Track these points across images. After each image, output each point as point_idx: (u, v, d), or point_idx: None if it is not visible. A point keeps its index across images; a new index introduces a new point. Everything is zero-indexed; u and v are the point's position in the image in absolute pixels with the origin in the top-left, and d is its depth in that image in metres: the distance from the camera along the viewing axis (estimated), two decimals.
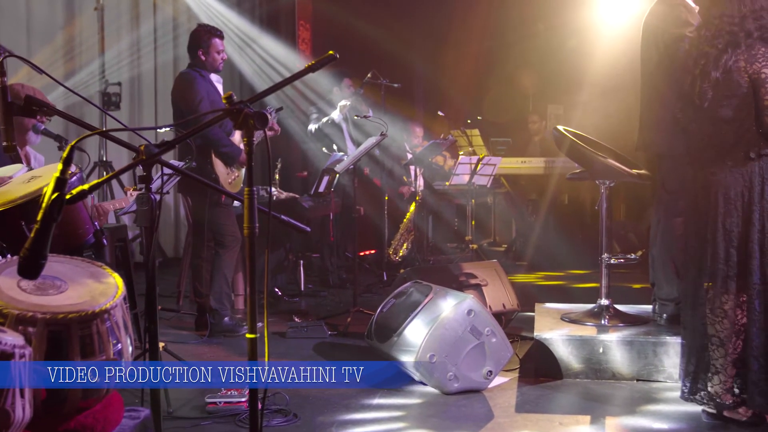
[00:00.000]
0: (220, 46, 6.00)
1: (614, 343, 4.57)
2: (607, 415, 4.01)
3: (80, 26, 8.84)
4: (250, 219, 2.15)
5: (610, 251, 5.07)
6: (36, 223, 1.90)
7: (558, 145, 5.29)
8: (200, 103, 5.75)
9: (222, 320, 5.88)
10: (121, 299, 2.16)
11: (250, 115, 2.11)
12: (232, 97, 2.15)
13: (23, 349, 1.81)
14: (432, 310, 4.47)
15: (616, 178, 4.95)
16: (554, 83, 11.99)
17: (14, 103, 2.63)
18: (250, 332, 2.17)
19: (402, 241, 8.69)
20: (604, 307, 4.96)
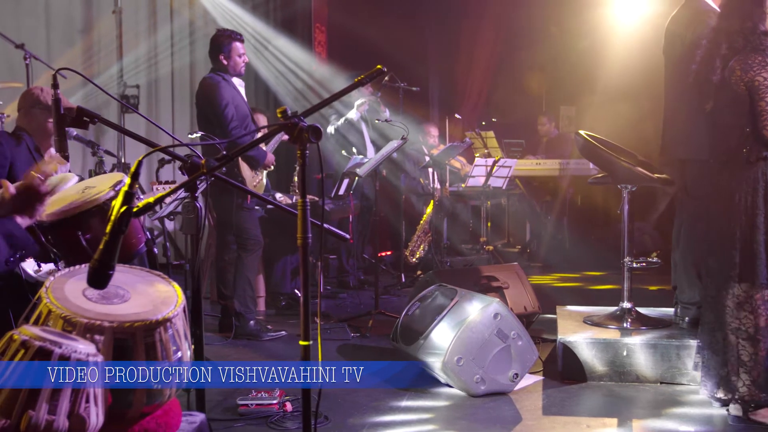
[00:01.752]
0: (241, 49, 6.05)
1: (638, 346, 4.63)
2: (633, 417, 4.07)
3: (99, 30, 8.92)
4: (303, 230, 2.21)
5: (636, 254, 5.13)
6: (105, 235, 1.97)
7: (580, 149, 5.34)
8: (225, 108, 5.81)
9: (247, 324, 5.94)
10: (182, 308, 2.22)
11: (305, 129, 2.18)
12: (287, 110, 2.21)
13: (96, 357, 1.88)
14: (458, 314, 4.54)
15: (638, 183, 5.01)
16: (566, 85, 12.04)
17: (67, 114, 2.70)
18: (304, 339, 2.23)
19: (419, 242, 8.74)
20: (627, 310, 5.02)
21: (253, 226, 6.05)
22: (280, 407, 4.15)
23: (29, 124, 4.37)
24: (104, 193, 2.62)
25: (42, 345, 1.80)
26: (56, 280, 2.19)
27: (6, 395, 1.77)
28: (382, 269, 8.80)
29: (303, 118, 2.21)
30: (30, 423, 1.74)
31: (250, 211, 6.03)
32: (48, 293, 2.10)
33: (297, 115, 2.21)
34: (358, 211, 8.20)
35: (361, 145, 8.26)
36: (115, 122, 8.37)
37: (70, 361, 1.81)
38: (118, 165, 8.37)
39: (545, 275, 8.72)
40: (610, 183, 5.18)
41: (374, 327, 5.98)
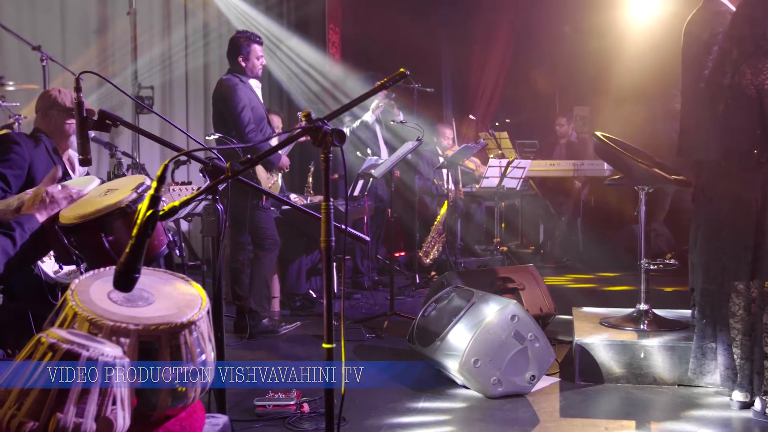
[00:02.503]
0: (259, 52, 6.08)
1: (655, 348, 4.61)
2: (651, 420, 4.06)
3: (114, 31, 8.95)
4: (327, 233, 2.21)
5: (649, 256, 5.11)
6: (131, 239, 1.98)
7: (596, 150, 5.34)
8: (242, 111, 5.83)
9: (261, 322, 5.96)
10: (206, 311, 2.23)
11: (329, 133, 2.18)
12: (311, 114, 2.21)
13: (122, 359, 1.88)
14: (475, 315, 4.53)
15: (655, 185, 5.00)
16: (580, 85, 12.01)
17: (89, 117, 2.72)
18: (327, 342, 2.23)
19: (433, 243, 8.74)
20: (643, 311, 5.01)
21: (270, 225, 6.07)
22: (297, 408, 4.15)
23: (47, 126, 4.38)
24: (127, 195, 2.63)
25: (69, 348, 1.81)
26: (81, 283, 2.20)
27: (34, 398, 1.78)
28: (396, 270, 8.81)
29: (327, 122, 2.22)
30: (58, 425, 1.75)
31: (266, 211, 6.05)
32: (73, 296, 2.11)
33: (321, 119, 2.22)
34: (373, 212, 8.20)
35: (375, 146, 8.27)
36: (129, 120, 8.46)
37: (97, 363, 1.82)
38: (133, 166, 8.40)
39: (559, 276, 8.69)
40: (626, 184, 5.17)
41: (389, 328, 5.99)
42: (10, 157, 4.14)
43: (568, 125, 10.32)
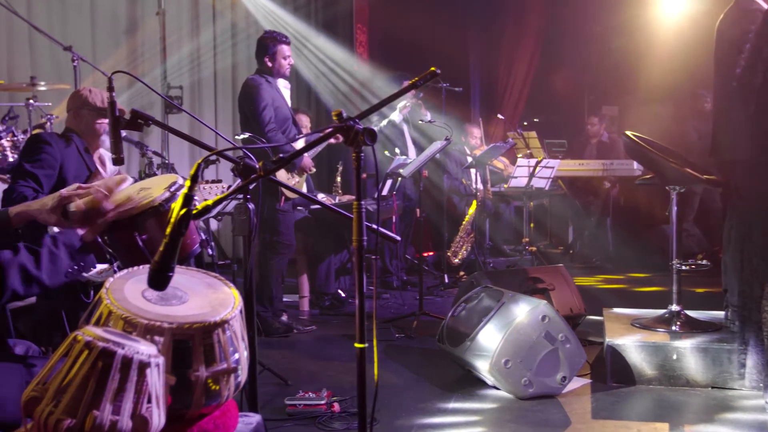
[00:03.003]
0: (286, 52, 6.09)
1: (688, 349, 4.56)
2: (684, 422, 4.01)
3: (143, 32, 9.01)
4: (359, 232, 2.21)
5: (680, 256, 5.06)
6: (165, 237, 1.98)
7: (626, 150, 5.29)
8: (264, 110, 5.85)
9: (271, 324, 6.04)
10: (239, 310, 2.23)
11: (360, 132, 2.17)
12: (342, 113, 2.20)
13: (157, 357, 1.89)
14: (505, 316, 4.51)
15: (687, 184, 4.95)
16: (609, 84, 11.93)
17: (122, 116, 2.73)
18: (359, 342, 2.22)
19: (461, 243, 8.71)
20: (675, 313, 4.95)
21: (286, 228, 6.06)
22: (328, 408, 4.15)
23: (78, 125, 4.41)
24: (160, 194, 2.64)
25: (105, 346, 1.81)
26: (115, 281, 2.21)
27: (71, 395, 1.79)
28: (425, 270, 8.80)
29: (358, 121, 2.21)
30: (94, 423, 1.76)
31: (285, 213, 6.05)
32: (108, 294, 2.12)
33: (352, 118, 2.21)
34: (401, 211, 8.19)
35: (403, 146, 8.26)
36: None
37: (132, 361, 1.82)
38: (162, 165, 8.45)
39: (589, 277, 8.64)
40: (658, 184, 5.12)
41: (419, 328, 5.97)
42: (42, 157, 4.18)
43: (599, 125, 10.25)
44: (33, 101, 6.41)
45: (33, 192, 4.02)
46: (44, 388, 1.85)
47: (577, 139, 10.80)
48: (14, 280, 2.23)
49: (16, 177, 4.14)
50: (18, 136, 5.95)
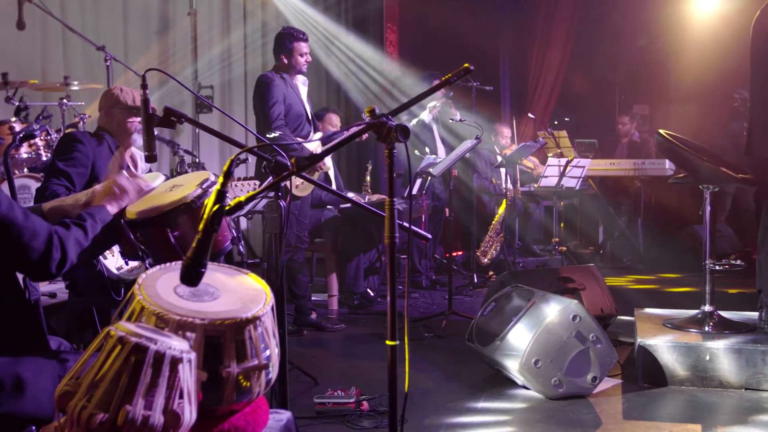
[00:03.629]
0: (304, 48, 6.08)
1: (721, 350, 4.51)
2: (717, 424, 3.96)
3: (175, 32, 9.07)
4: (391, 229, 2.20)
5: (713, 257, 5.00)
6: (197, 233, 1.99)
7: (660, 149, 5.24)
8: (273, 106, 5.85)
9: (309, 316, 6.16)
10: (270, 306, 2.23)
11: (393, 128, 2.17)
12: (375, 109, 2.20)
13: (189, 353, 1.89)
14: (536, 315, 4.48)
15: (722, 183, 4.89)
16: (640, 83, 11.85)
17: (155, 114, 2.74)
18: (391, 339, 2.22)
19: (491, 242, 8.68)
20: (708, 313, 4.89)
21: (291, 231, 6.02)
22: (356, 406, 4.14)
23: (110, 124, 4.45)
24: (192, 191, 2.65)
25: (138, 341, 1.82)
26: (148, 277, 2.22)
27: (103, 390, 1.80)
28: (454, 270, 8.77)
29: (391, 118, 2.20)
30: (127, 418, 1.76)
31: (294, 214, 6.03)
32: (141, 290, 2.13)
33: (385, 114, 2.20)
34: (430, 211, 8.17)
35: (433, 145, 8.24)
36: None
37: (165, 357, 1.83)
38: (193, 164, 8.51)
39: (620, 277, 8.58)
40: (691, 183, 5.06)
41: (448, 327, 5.95)
42: (74, 156, 4.21)
43: (630, 124, 10.17)
44: (66, 101, 6.47)
45: (65, 190, 4.06)
46: (77, 382, 1.86)
47: (608, 138, 10.73)
48: (72, 252, 2.30)
49: (49, 175, 4.19)
50: (51, 136, 6.01)
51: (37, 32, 7.46)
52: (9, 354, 2.26)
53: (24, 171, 5.97)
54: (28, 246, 2.19)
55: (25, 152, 5.94)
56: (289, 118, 5.93)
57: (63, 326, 4.99)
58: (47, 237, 2.24)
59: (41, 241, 2.22)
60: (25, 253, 2.20)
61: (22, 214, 2.22)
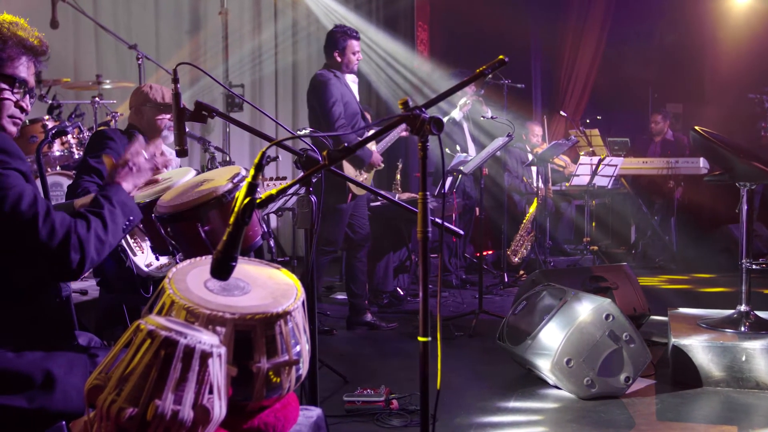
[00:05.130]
0: (356, 47, 6.07)
1: (758, 351, 4.43)
2: (754, 426, 3.89)
3: (206, 31, 9.10)
4: (424, 224, 2.16)
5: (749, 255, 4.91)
6: (228, 226, 1.97)
7: (695, 146, 5.16)
8: (333, 106, 5.82)
9: (364, 315, 6.19)
10: (301, 302, 2.21)
11: (427, 120, 2.13)
12: (408, 102, 2.17)
13: (219, 348, 1.87)
14: (568, 314, 4.42)
15: (760, 181, 4.81)
16: (673, 82, 11.71)
17: (186, 108, 2.73)
18: (423, 335, 2.18)
19: (521, 242, 8.61)
20: (744, 313, 4.81)
21: (338, 227, 5.99)
22: (386, 405, 4.11)
23: (140, 122, 4.45)
24: (222, 185, 2.64)
25: (168, 335, 1.80)
26: (178, 271, 2.21)
27: (133, 384, 1.78)
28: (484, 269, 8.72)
29: (425, 110, 2.17)
30: (156, 413, 1.75)
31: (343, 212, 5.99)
32: (171, 284, 2.11)
33: (419, 107, 2.17)
34: (461, 209, 8.13)
35: (463, 143, 8.19)
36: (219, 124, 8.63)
37: (194, 351, 1.81)
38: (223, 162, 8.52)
39: (652, 277, 8.48)
40: (728, 181, 4.97)
41: (478, 326, 5.90)
42: (105, 153, 4.22)
43: (663, 122, 10.05)
44: (98, 99, 6.50)
45: (96, 187, 4.06)
46: (107, 376, 1.85)
47: (640, 137, 10.61)
48: (92, 251, 2.27)
49: (80, 172, 4.20)
50: (84, 134, 6.04)
51: (70, 31, 7.52)
52: (39, 350, 2.25)
53: (56, 168, 6.01)
54: (45, 246, 2.16)
55: (57, 150, 5.97)
56: (346, 116, 5.90)
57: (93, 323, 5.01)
58: (65, 237, 2.20)
59: (59, 240, 2.18)
60: (42, 253, 2.17)
61: (44, 212, 2.19)
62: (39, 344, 2.28)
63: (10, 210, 2.15)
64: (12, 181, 2.18)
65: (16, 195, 2.17)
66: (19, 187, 2.19)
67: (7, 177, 2.18)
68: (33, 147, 5.98)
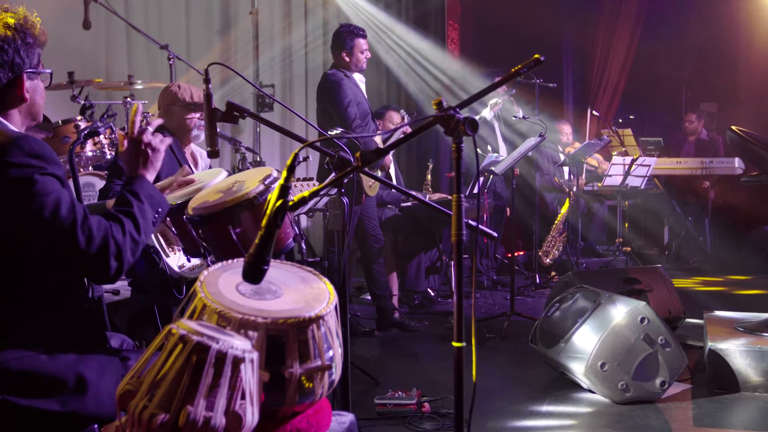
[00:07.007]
0: (363, 45, 6.03)
1: None
2: None
3: (236, 31, 9.11)
4: (458, 226, 2.12)
5: None
6: (260, 229, 1.94)
7: (732, 146, 5.07)
8: (348, 106, 5.80)
9: (392, 315, 6.18)
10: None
11: (461, 121, 2.09)
12: (442, 102, 2.13)
13: (251, 353, 1.84)
14: (602, 317, 4.36)
15: None
16: (707, 80, 11.55)
17: (217, 109, 2.71)
18: (457, 341, 2.14)
19: (553, 242, 8.53)
20: None
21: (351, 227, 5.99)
22: (418, 408, 4.08)
23: (169, 122, 4.43)
24: (254, 187, 2.62)
25: (200, 340, 1.78)
26: (210, 275, 2.18)
27: (165, 389, 1.76)
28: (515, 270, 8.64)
29: (459, 110, 2.13)
30: (188, 419, 1.72)
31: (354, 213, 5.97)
32: (203, 287, 2.09)
33: (453, 107, 2.13)
34: (492, 210, 8.06)
35: (495, 143, 8.13)
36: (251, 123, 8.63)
37: (227, 356, 1.78)
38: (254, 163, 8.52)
39: (687, 279, 8.36)
40: (765, 182, 4.88)
41: (510, 328, 5.84)
42: None
43: (698, 122, 9.92)
44: (130, 99, 6.52)
45: None
46: (139, 381, 1.83)
47: (674, 136, 10.48)
48: (128, 253, 2.26)
49: (111, 175, 4.20)
50: (115, 134, 6.06)
51: (102, 32, 7.55)
52: (72, 353, 2.24)
53: (89, 169, 6.03)
54: (84, 252, 2.15)
55: (90, 150, 6.00)
56: (359, 116, 5.87)
57: (125, 323, 5.02)
58: (103, 242, 2.19)
59: (97, 246, 2.17)
60: (81, 258, 2.16)
61: (82, 217, 2.18)
62: (71, 347, 2.27)
63: (50, 215, 2.14)
64: (50, 186, 2.17)
65: (54, 200, 2.16)
66: (56, 193, 2.18)
67: (45, 182, 2.16)
68: (66, 147, 6.02)
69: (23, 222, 2.15)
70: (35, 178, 2.15)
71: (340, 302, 2.44)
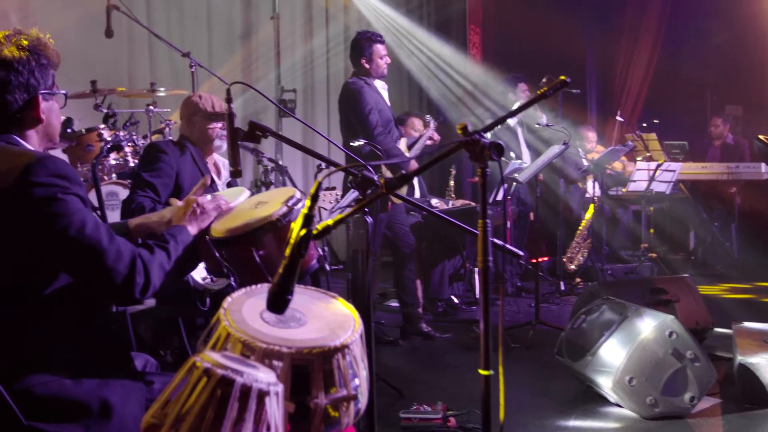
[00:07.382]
0: (382, 51, 6.00)
1: None
2: None
3: (258, 37, 9.12)
4: (484, 252, 2.08)
5: None
6: (284, 259, 1.92)
7: (761, 155, 5.00)
8: (369, 114, 5.77)
9: (419, 324, 6.13)
10: (359, 334, 2.14)
11: (487, 146, 2.05)
12: (467, 127, 2.09)
13: (276, 386, 1.82)
14: (629, 330, 4.30)
15: None
16: (732, 83, 11.42)
17: (240, 129, 2.69)
18: (484, 368, 2.10)
19: (577, 248, 8.45)
20: None
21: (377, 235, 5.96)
22: (443, 422, 4.04)
23: (191, 133, 4.43)
24: (277, 209, 2.59)
25: (224, 374, 1.75)
26: (234, 302, 2.16)
27: (189, 423, 1.74)
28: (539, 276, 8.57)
29: (484, 135, 2.09)
30: None
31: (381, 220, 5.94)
32: (227, 315, 2.07)
33: (478, 131, 2.09)
34: (515, 217, 8.00)
35: (518, 149, 8.07)
36: (273, 128, 8.62)
37: (251, 390, 1.76)
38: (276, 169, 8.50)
39: (713, 285, 8.25)
40: None
41: (535, 337, 5.77)
42: (159, 167, 4.21)
43: (723, 126, 9.80)
44: (153, 107, 6.52)
45: (151, 202, 4.06)
46: (163, 413, 1.80)
47: (699, 141, 10.37)
48: (155, 277, 2.29)
49: (134, 187, 4.20)
50: (138, 143, 6.07)
51: (124, 40, 7.58)
52: (96, 377, 2.23)
53: (112, 177, 6.05)
54: (112, 270, 2.16)
55: (113, 159, 6.01)
56: (381, 124, 5.84)
57: (150, 333, 5.02)
58: (131, 261, 2.20)
59: (125, 264, 2.18)
60: (108, 277, 2.17)
61: (107, 236, 2.19)
62: (96, 370, 2.26)
63: (76, 234, 2.15)
64: (74, 206, 2.19)
65: (80, 220, 2.17)
66: (81, 212, 2.19)
67: (69, 203, 2.18)
68: (89, 156, 6.05)
69: (49, 241, 2.16)
70: (60, 197, 2.16)
71: (365, 322, 2.41)
